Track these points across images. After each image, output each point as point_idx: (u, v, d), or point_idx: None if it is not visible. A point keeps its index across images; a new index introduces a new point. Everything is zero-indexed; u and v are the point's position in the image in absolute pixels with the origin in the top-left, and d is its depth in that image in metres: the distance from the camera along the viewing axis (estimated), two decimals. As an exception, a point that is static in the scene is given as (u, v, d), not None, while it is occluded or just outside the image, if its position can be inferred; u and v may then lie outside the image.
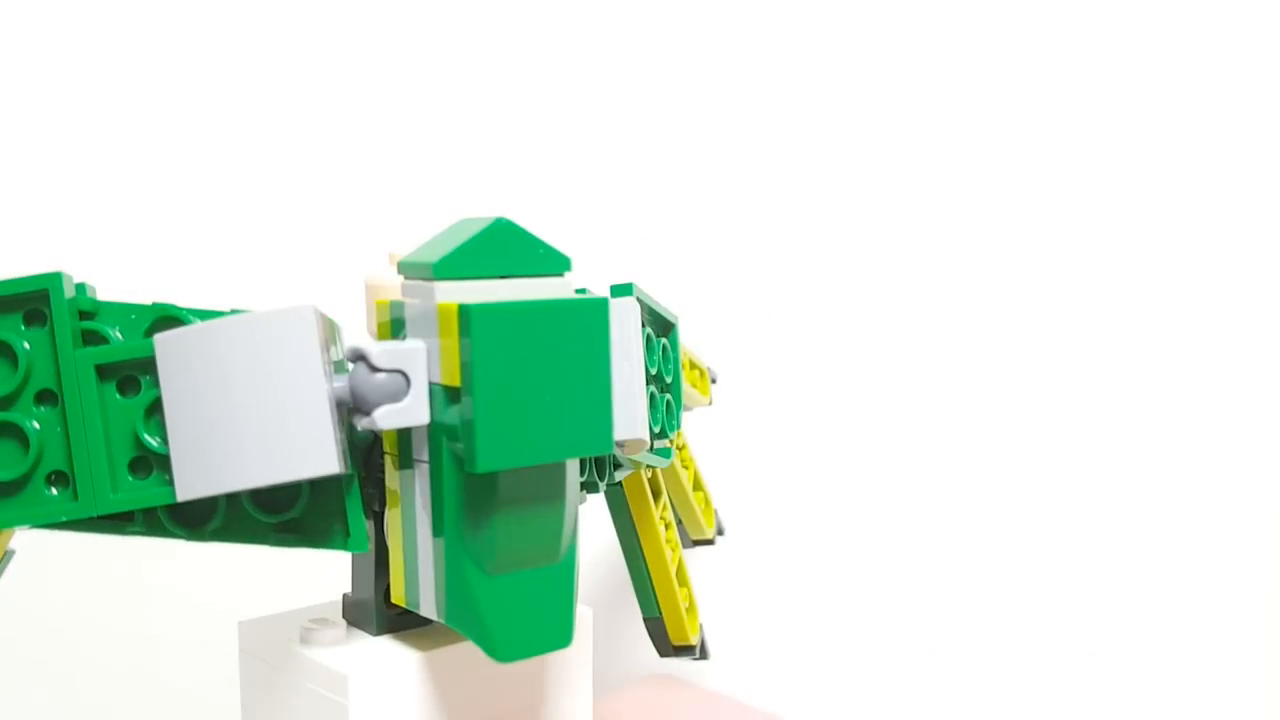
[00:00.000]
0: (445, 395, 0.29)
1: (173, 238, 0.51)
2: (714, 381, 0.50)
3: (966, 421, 0.52)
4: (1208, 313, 0.50)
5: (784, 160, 0.53)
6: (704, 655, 0.45)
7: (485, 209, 0.34)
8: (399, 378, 0.29)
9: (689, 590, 0.44)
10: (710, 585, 0.53)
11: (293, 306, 0.29)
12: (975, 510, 0.53)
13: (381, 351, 0.29)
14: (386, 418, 0.29)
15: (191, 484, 0.29)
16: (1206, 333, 0.50)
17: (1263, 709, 0.49)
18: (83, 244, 0.51)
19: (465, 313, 0.28)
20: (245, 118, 0.53)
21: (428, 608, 0.31)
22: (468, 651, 0.32)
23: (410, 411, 0.29)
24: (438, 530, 0.30)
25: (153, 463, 0.29)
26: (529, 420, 0.29)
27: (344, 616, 0.34)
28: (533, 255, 0.30)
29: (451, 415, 0.29)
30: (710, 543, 0.49)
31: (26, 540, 0.32)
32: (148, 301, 0.30)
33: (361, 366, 0.29)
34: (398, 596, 0.32)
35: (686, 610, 0.43)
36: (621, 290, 0.33)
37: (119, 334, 0.30)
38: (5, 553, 0.31)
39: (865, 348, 0.53)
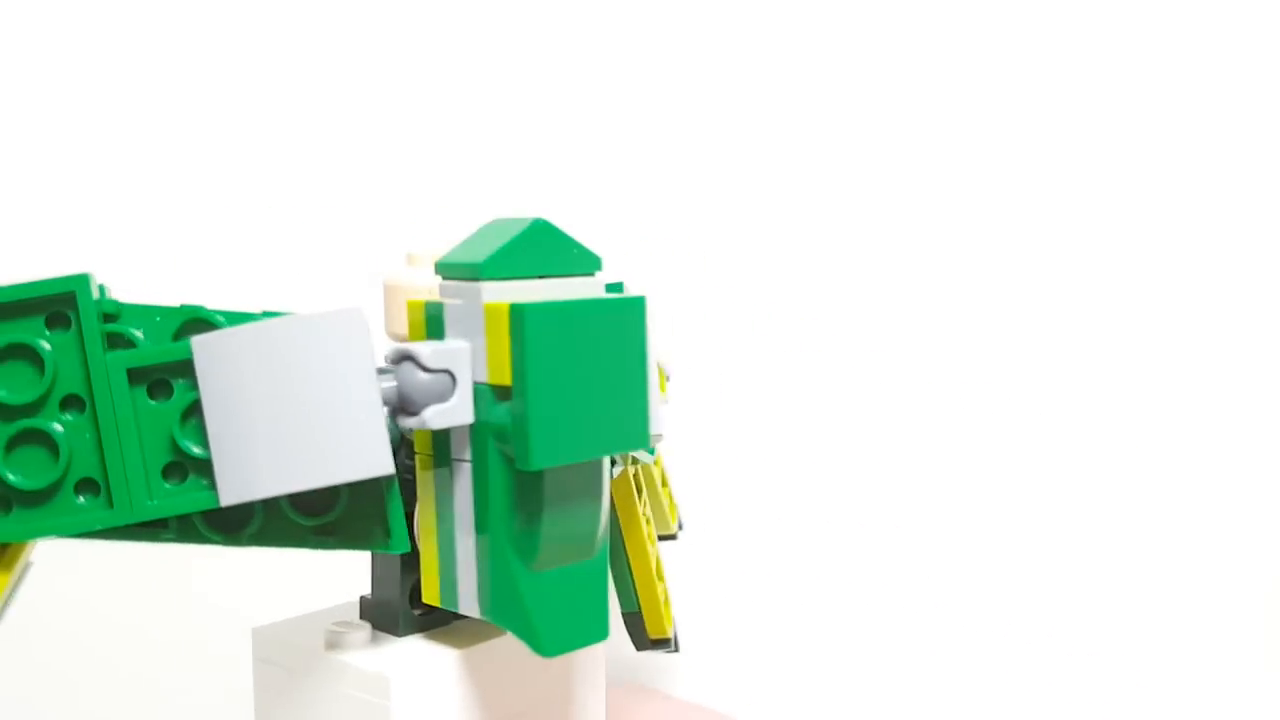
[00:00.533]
0: (492, 394, 0.29)
1: (169, 238, 0.50)
2: (669, 378, 0.51)
3: (965, 424, 0.53)
4: (1207, 314, 0.50)
5: (784, 161, 0.53)
6: (677, 648, 0.46)
7: (485, 209, 0.34)
8: (445, 378, 0.29)
9: (664, 585, 0.45)
10: (705, 583, 0.53)
11: (342, 309, 0.29)
12: (970, 515, 0.53)
13: (432, 352, 0.29)
14: (436, 418, 0.29)
15: (238, 488, 0.28)
16: (1206, 334, 0.51)
17: (1263, 709, 0.50)
18: (79, 244, 0.49)
19: (518, 312, 0.28)
20: (242, 117, 0.52)
21: (468, 605, 0.31)
22: (496, 649, 0.33)
23: (456, 411, 0.29)
24: (482, 528, 0.30)
25: (189, 467, 0.29)
26: (576, 417, 0.29)
27: (363, 618, 0.34)
28: (568, 255, 0.31)
29: (499, 414, 0.29)
30: (673, 537, 0.50)
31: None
32: (171, 303, 0.30)
33: (409, 367, 0.29)
34: (431, 596, 0.32)
35: (664, 604, 0.44)
36: (613, 288, 0.34)
37: (142, 336, 0.29)
38: (25, 565, 0.30)
39: (866, 348, 0.53)
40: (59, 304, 0.29)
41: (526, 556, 0.30)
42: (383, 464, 0.28)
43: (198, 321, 0.30)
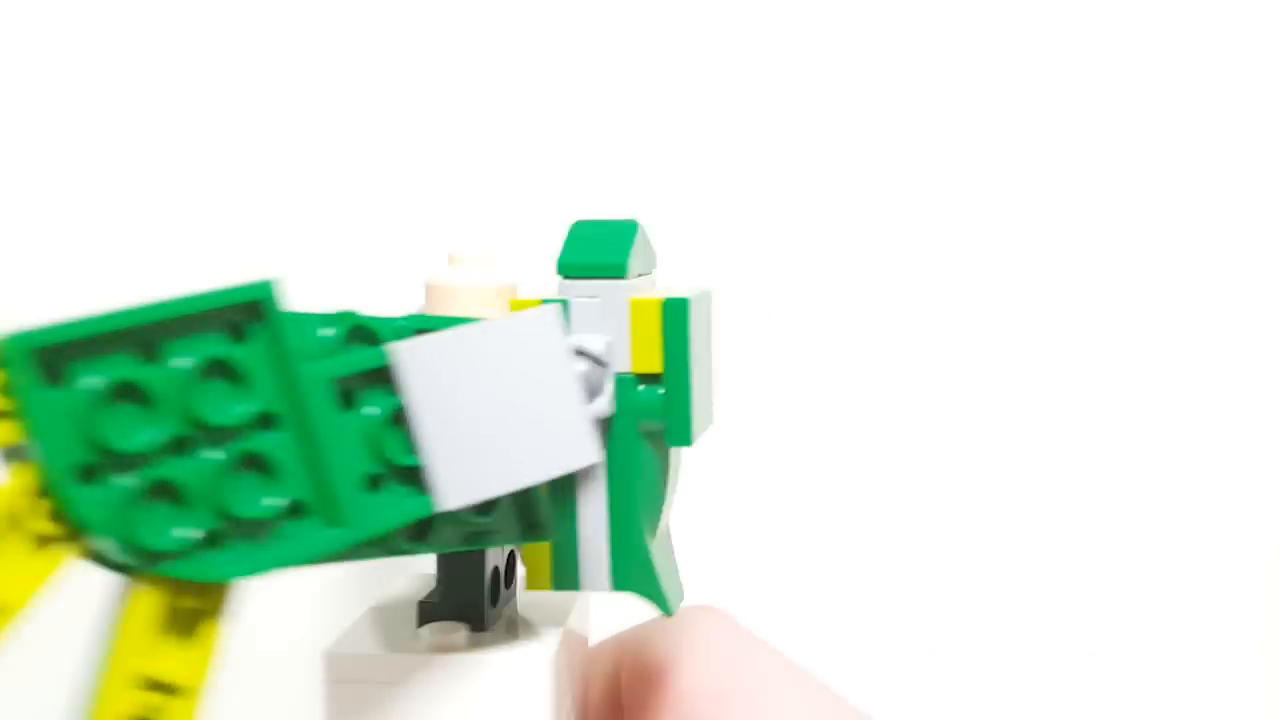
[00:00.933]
0: (635, 382, 0.32)
1: (172, 240, 0.48)
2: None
3: (960, 426, 0.56)
4: (1209, 315, 0.55)
5: (784, 161, 0.54)
6: None
7: (485, 211, 0.35)
8: (606, 369, 0.31)
9: None
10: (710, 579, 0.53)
11: (544, 307, 0.30)
12: (969, 516, 0.56)
13: (603, 346, 0.31)
14: (602, 407, 0.31)
15: (459, 493, 0.28)
16: (1209, 335, 0.55)
17: (1262, 710, 0.55)
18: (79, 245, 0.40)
19: (676, 306, 0.32)
20: (248, 119, 0.49)
21: (593, 583, 0.33)
22: (566, 632, 0.35)
23: (610, 400, 0.31)
24: (618, 506, 0.32)
25: (392, 477, 0.28)
26: (701, 397, 0.33)
27: (427, 622, 0.33)
28: (648, 254, 0.34)
29: (644, 399, 0.32)
30: None
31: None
32: (329, 310, 0.28)
33: (585, 360, 0.31)
34: (539, 583, 0.33)
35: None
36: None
37: (304, 345, 0.28)
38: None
39: (870, 348, 0.55)
40: (244, 313, 0.26)
41: (651, 527, 0.33)
42: (591, 454, 0.30)
43: (360, 329, 0.29)
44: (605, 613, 0.41)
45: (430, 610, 0.34)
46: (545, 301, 0.32)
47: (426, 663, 0.32)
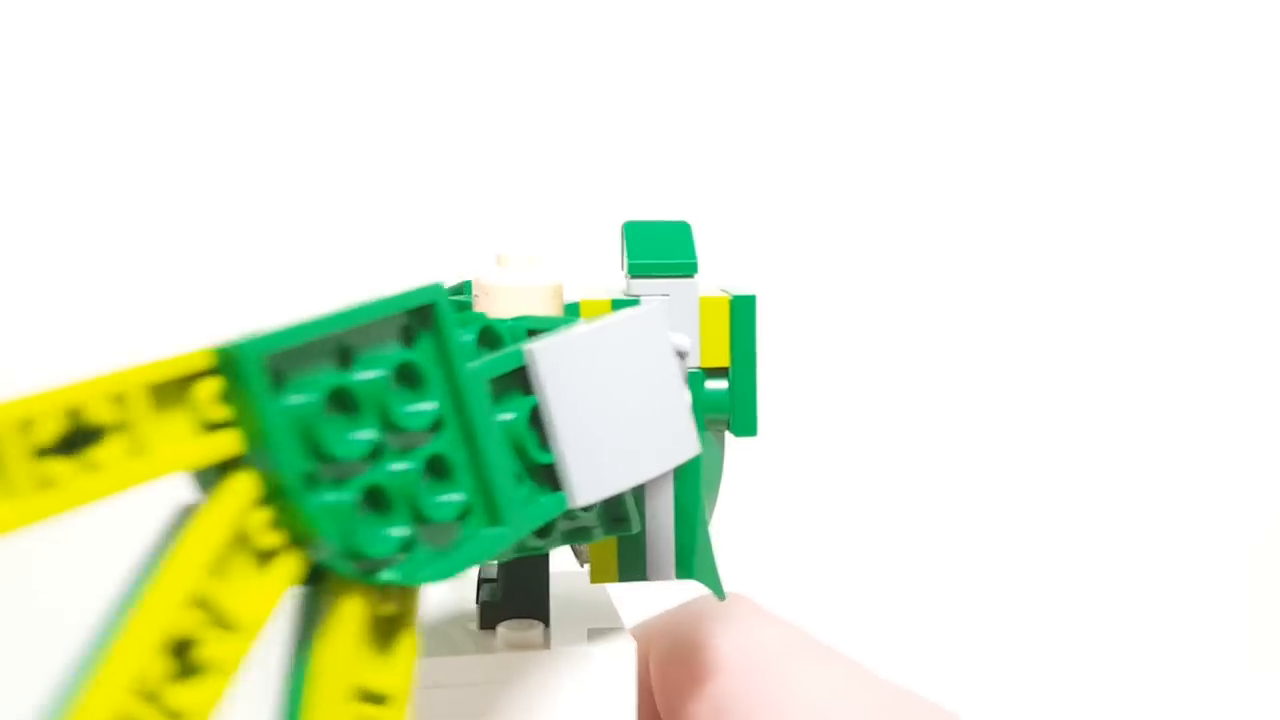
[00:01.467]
0: (703, 377, 0.33)
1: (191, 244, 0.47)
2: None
3: (969, 423, 0.56)
4: (1209, 314, 0.56)
5: (786, 159, 0.53)
6: None
7: (485, 212, 0.35)
8: (684, 365, 0.32)
9: None
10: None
11: (652, 305, 0.31)
12: (982, 513, 0.56)
13: (688, 342, 0.32)
14: (689, 401, 0.32)
15: (590, 488, 0.29)
16: (1210, 334, 0.56)
17: (1255, 707, 0.57)
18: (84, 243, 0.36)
19: (744, 302, 0.33)
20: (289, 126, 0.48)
21: (660, 572, 0.34)
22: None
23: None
24: (684, 495, 0.34)
25: (531, 474, 0.28)
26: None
27: (490, 624, 0.33)
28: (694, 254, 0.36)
29: (710, 392, 0.33)
30: None
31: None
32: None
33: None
34: (605, 576, 0.34)
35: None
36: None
37: None
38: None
39: (870, 346, 0.54)
40: (416, 317, 0.26)
41: (707, 515, 0.35)
42: (695, 446, 0.31)
43: (487, 330, 0.29)
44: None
45: (495, 610, 0.34)
46: (616, 303, 0.33)
47: (510, 661, 0.32)
